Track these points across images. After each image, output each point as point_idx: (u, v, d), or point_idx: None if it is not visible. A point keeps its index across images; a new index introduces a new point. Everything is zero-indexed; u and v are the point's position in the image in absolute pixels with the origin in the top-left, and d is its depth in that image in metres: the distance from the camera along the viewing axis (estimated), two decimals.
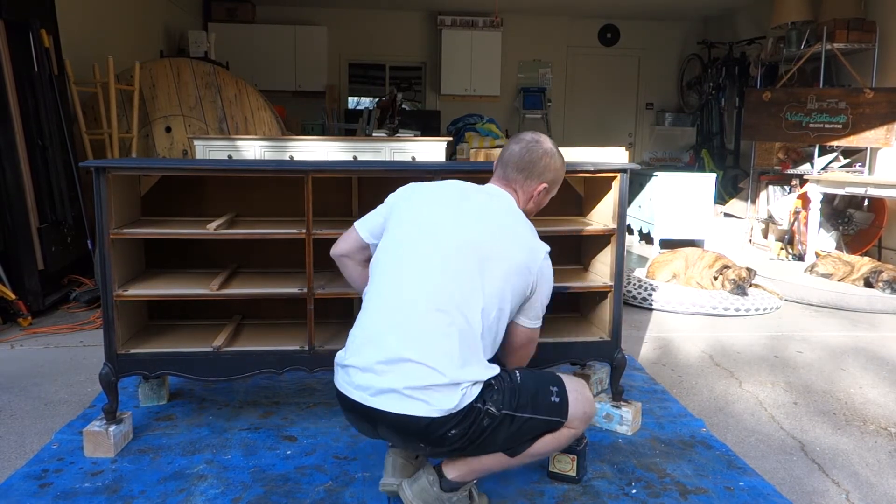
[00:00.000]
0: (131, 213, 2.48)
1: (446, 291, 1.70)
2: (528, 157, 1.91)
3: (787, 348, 3.48)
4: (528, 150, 1.92)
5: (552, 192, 2.01)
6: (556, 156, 1.96)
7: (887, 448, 2.37)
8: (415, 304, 1.70)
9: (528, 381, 1.77)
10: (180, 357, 2.30)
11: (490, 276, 1.73)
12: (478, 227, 1.80)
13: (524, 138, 1.95)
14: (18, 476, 2.07)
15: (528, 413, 1.73)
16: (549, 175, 1.94)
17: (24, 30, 4.07)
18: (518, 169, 1.91)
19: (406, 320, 1.69)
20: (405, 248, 1.79)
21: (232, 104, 5.53)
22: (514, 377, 1.76)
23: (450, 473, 1.79)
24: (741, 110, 7.51)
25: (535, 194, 1.95)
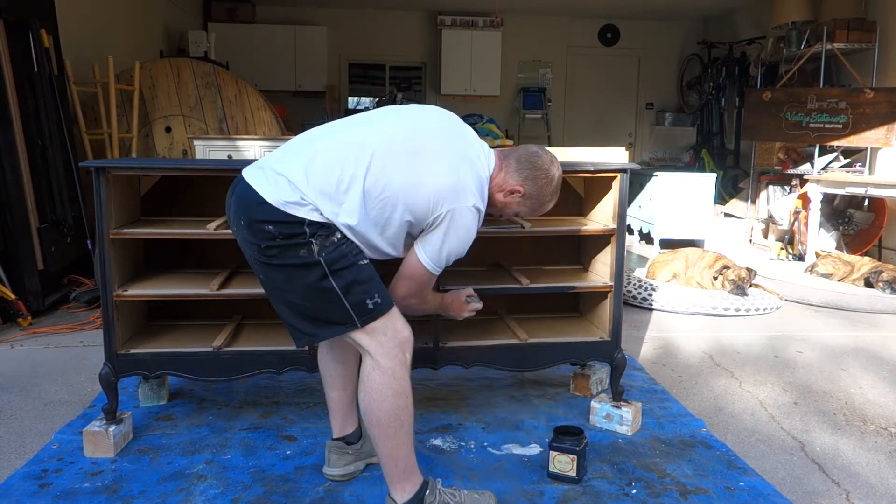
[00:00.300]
0: (131, 213, 2.48)
1: (357, 142, 1.72)
2: (532, 158, 1.90)
3: (788, 348, 3.48)
4: (539, 155, 1.91)
5: (525, 204, 1.93)
6: (552, 181, 1.91)
7: (887, 448, 2.37)
8: (335, 143, 1.75)
9: (365, 273, 1.72)
10: (180, 357, 2.30)
11: (394, 168, 1.71)
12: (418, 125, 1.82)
13: (546, 151, 1.95)
14: (18, 476, 2.07)
15: (338, 286, 1.68)
16: (530, 186, 1.88)
17: (24, 30, 4.07)
18: (517, 157, 1.90)
19: (320, 148, 1.74)
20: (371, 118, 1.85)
21: (232, 104, 5.53)
22: (358, 258, 1.72)
23: (399, 497, 1.77)
24: (741, 110, 7.51)
25: (507, 189, 1.88)
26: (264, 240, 1.69)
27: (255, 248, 1.73)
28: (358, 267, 1.72)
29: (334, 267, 1.69)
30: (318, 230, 1.67)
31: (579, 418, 2.52)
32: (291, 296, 1.74)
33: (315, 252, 1.67)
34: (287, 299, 1.76)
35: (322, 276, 1.68)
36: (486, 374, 2.87)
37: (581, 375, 2.75)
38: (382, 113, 1.87)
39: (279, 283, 1.74)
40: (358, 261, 1.72)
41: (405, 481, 1.78)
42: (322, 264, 1.68)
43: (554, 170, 1.92)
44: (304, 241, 1.67)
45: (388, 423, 1.73)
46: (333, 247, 1.69)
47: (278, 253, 1.69)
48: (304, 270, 1.69)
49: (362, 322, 1.72)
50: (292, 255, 1.68)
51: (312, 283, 1.69)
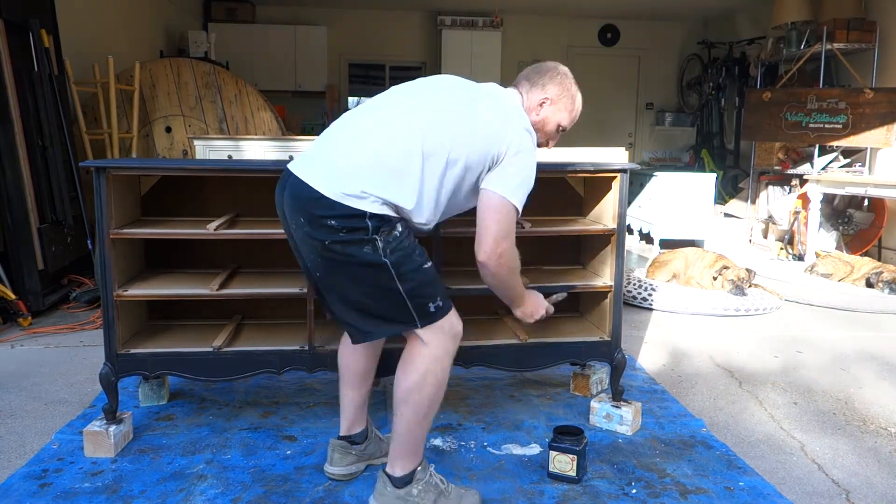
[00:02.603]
0: (131, 213, 2.48)
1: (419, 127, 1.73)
2: (537, 68, 1.97)
3: (787, 348, 3.48)
4: (542, 65, 2.00)
5: (557, 113, 1.97)
6: (567, 78, 1.98)
7: (887, 448, 2.37)
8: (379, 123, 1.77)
9: (427, 276, 1.74)
10: (180, 357, 2.30)
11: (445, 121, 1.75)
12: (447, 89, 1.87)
13: (545, 62, 2.03)
14: (18, 476, 2.07)
15: (403, 287, 1.70)
16: (553, 89, 1.95)
17: (24, 30, 4.07)
18: (525, 76, 1.97)
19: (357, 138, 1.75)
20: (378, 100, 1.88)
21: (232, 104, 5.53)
22: (425, 259, 1.74)
23: (393, 471, 1.81)
24: (741, 110, 7.50)
25: (538, 106, 1.94)
26: (328, 234, 1.68)
27: (318, 245, 1.72)
28: (423, 270, 1.74)
29: (401, 269, 1.70)
30: (379, 224, 1.67)
31: (579, 418, 2.52)
32: (353, 294, 1.75)
33: (381, 251, 1.68)
34: (348, 297, 1.76)
35: (389, 278, 1.70)
36: (487, 374, 2.87)
37: (581, 375, 2.75)
38: (405, 89, 1.88)
39: (343, 281, 1.74)
40: (423, 263, 1.74)
41: (406, 460, 1.81)
42: (389, 266, 1.69)
43: (560, 66, 2.00)
44: (367, 236, 1.67)
45: (421, 407, 1.76)
46: (397, 242, 1.69)
47: (342, 248, 1.68)
48: (370, 270, 1.70)
49: (423, 323, 1.75)
50: (356, 250, 1.68)
51: (378, 284, 1.71)
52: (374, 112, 1.82)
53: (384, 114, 1.80)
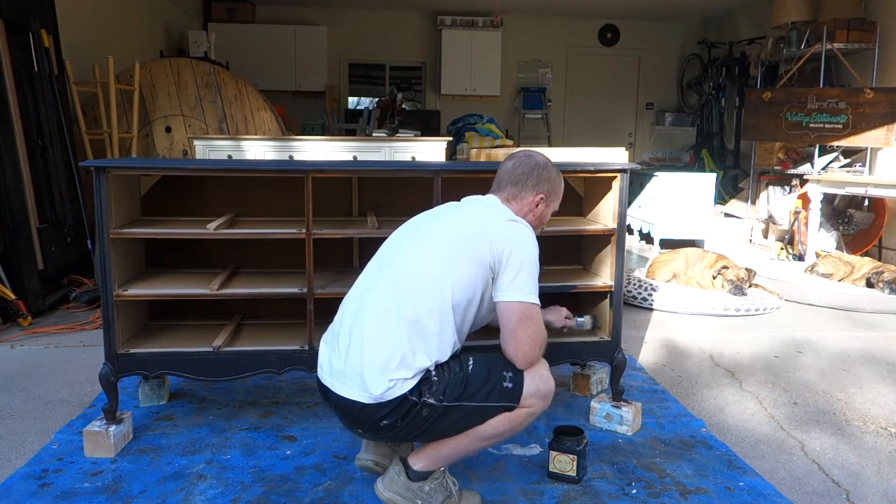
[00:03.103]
0: (131, 213, 2.48)
1: (389, 284, 1.76)
2: (520, 170, 1.94)
3: (788, 348, 3.48)
4: (521, 163, 1.95)
5: (551, 205, 2.00)
6: (550, 168, 1.98)
7: (887, 448, 2.37)
8: (364, 299, 1.79)
9: (480, 369, 1.76)
10: (180, 357, 2.30)
11: (433, 257, 1.77)
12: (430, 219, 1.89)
13: (517, 154, 1.99)
14: (18, 476, 2.07)
15: (477, 402, 1.73)
16: (545, 186, 1.95)
17: (24, 30, 4.07)
18: (511, 182, 1.94)
19: (364, 311, 1.77)
20: (378, 252, 1.92)
21: (232, 104, 5.53)
22: (464, 365, 1.76)
23: (415, 464, 1.81)
24: (741, 110, 7.51)
25: (533, 206, 1.95)
26: (389, 430, 1.73)
27: (387, 438, 1.81)
28: (472, 375, 1.75)
29: (462, 396, 1.73)
30: (420, 387, 1.70)
31: (579, 418, 2.52)
32: (451, 431, 1.77)
33: (436, 403, 1.71)
34: (448, 433, 1.78)
35: (458, 409, 1.72)
36: None
37: (581, 375, 2.75)
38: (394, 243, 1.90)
39: (428, 436, 1.78)
40: (467, 369, 1.75)
41: (435, 463, 1.82)
42: (451, 404, 1.72)
43: (537, 157, 1.98)
44: (418, 404, 1.70)
45: (484, 438, 1.78)
46: (443, 385, 1.72)
47: (406, 429, 1.73)
48: (441, 418, 1.73)
49: (516, 399, 1.76)
50: (418, 419, 1.71)
51: (457, 418, 1.74)
52: (365, 290, 1.82)
53: (374, 294, 1.78)
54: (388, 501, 1.81)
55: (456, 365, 1.77)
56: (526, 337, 1.76)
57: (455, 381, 1.73)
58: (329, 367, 1.79)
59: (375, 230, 2.36)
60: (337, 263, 2.66)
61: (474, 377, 1.75)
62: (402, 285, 1.74)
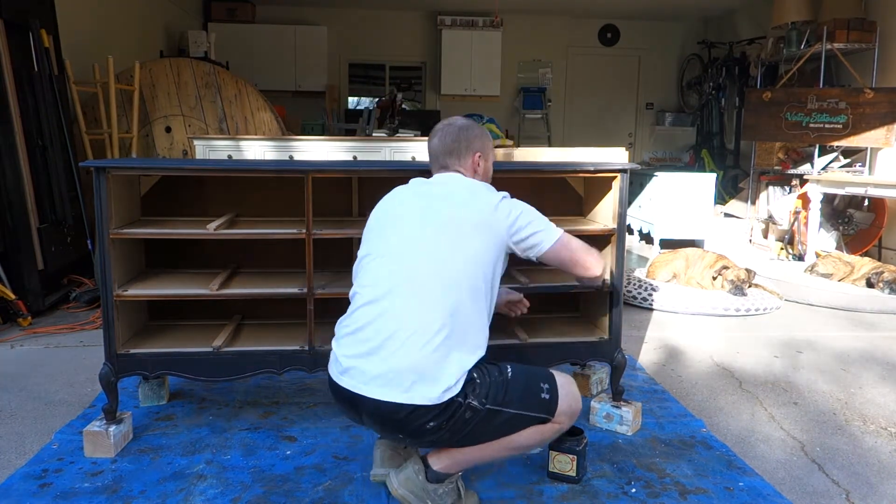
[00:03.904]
0: (131, 213, 2.48)
1: (422, 277, 1.74)
2: (448, 140, 1.98)
3: (787, 348, 3.48)
4: (445, 133, 1.99)
5: (489, 158, 2.05)
6: (472, 126, 2.02)
7: (887, 448, 2.37)
8: (394, 296, 1.75)
9: (519, 377, 1.79)
10: (180, 357, 2.30)
11: (455, 247, 1.77)
12: (430, 212, 1.87)
13: (437, 129, 2.03)
14: (18, 476, 2.07)
15: (515, 409, 1.75)
16: (476, 143, 1.99)
17: (24, 30, 4.07)
18: (446, 153, 1.98)
19: (388, 311, 1.73)
20: (379, 248, 1.86)
21: (232, 104, 5.53)
22: (503, 371, 1.78)
23: (435, 465, 1.81)
24: (741, 110, 7.50)
25: (475, 166, 1.99)
26: (433, 433, 1.72)
27: (429, 442, 1.79)
28: (512, 381, 1.77)
29: (503, 402, 1.74)
30: (465, 388, 1.71)
31: (579, 418, 2.51)
32: (488, 436, 1.78)
33: (478, 405, 1.71)
34: (485, 438, 1.78)
35: (498, 415, 1.74)
36: None
37: (581, 375, 2.75)
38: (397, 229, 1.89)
39: (466, 441, 1.77)
40: (507, 375, 1.78)
41: (456, 467, 1.82)
42: (493, 408, 1.73)
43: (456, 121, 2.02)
44: (463, 406, 1.70)
45: (512, 448, 1.81)
46: (485, 388, 1.72)
47: (450, 432, 1.72)
48: (482, 423, 1.73)
49: (552, 412, 1.79)
50: (462, 423, 1.71)
51: (496, 424, 1.75)
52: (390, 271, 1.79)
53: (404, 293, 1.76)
54: (399, 498, 1.80)
55: (495, 370, 1.78)
56: (581, 252, 1.89)
57: (496, 384, 1.74)
58: (360, 372, 1.71)
59: None
60: (337, 263, 2.65)
61: (514, 383, 1.77)
62: (433, 282, 1.72)
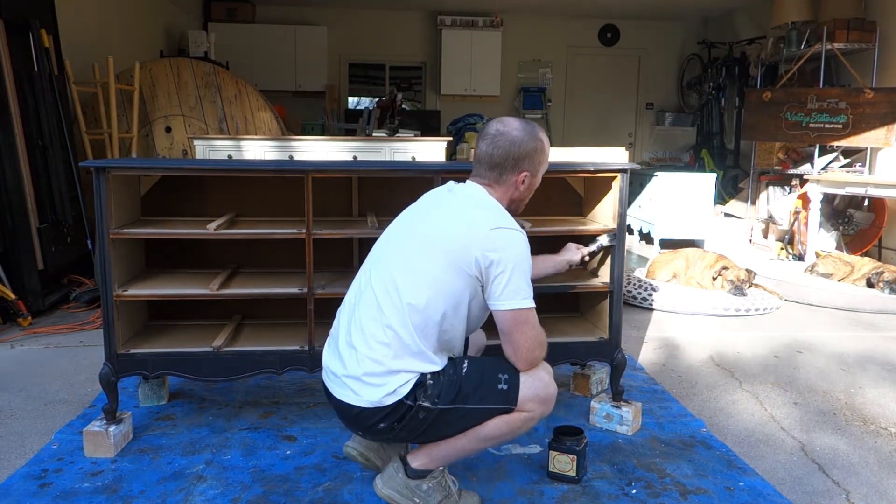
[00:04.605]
0: (131, 213, 2.48)
1: (377, 292, 1.75)
2: (497, 154, 1.80)
3: (788, 348, 3.48)
4: (495, 145, 1.80)
5: (538, 174, 1.88)
6: (527, 140, 1.81)
7: (887, 448, 2.37)
8: (360, 302, 1.78)
9: (474, 372, 1.77)
10: (180, 357, 2.30)
11: (422, 265, 1.73)
12: (415, 222, 1.85)
13: (489, 133, 1.83)
14: (18, 476, 2.07)
15: (473, 404, 1.74)
16: (525, 163, 1.81)
17: (24, 30, 4.07)
18: (490, 166, 1.81)
19: (356, 317, 1.78)
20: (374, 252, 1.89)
21: (232, 104, 5.53)
22: (458, 368, 1.77)
23: (413, 462, 1.82)
24: (741, 110, 7.50)
25: (518, 184, 1.83)
26: (387, 432, 1.74)
27: (386, 439, 1.82)
28: (466, 377, 1.76)
29: (456, 399, 1.73)
30: (415, 391, 1.71)
31: (579, 418, 2.51)
32: (449, 433, 1.78)
33: (431, 405, 1.71)
34: (447, 434, 1.78)
35: (454, 412, 1.73)
36: None
37: (581, 375, 2.75)
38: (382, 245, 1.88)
39: (426, 438, 1.78)
40: (461, 371, 1.76)
41: (433, 462, 1.82)
42: (446, 407, 1.72)
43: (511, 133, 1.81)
44: (413, 408, 1.71)
45: (482, 440, 1.79)
46: (437, 389, 1.72)
47: (404, 431, 1.74)
48: (437, 421, 1.73)
49: (512, 401, 1.75)
50: (416, 423, 1.72)
51: (453, 420, 1.74)
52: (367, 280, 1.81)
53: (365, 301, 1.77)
54: (385, 498, 1.81)
55: (451, 367, 1.77)
56: (523, 341, 1.74)
57: (449, 383, 1.73)
58: (330, 371, 1.81)
59: (375, 230, 2.35)
60: (337, 263, 2.66)
61: (468, 379, 1.75)
62: (390, 293, 1.73)
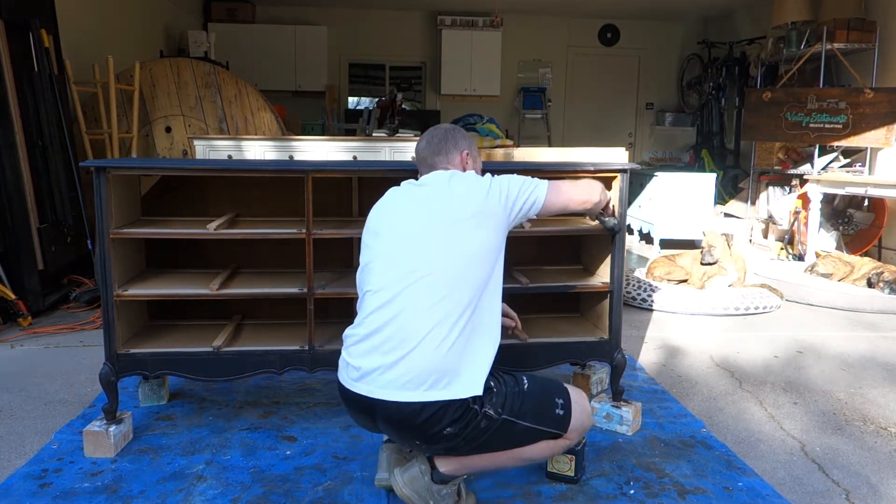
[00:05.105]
0: (131, 213, 2.48)
1: (430, 276, 1.72)
2: (436, 140, 1.99)
3: (787, 348, 3.48)
4: (432, 135, 2.01)
5: (476, 156, 2.05)
6: (458, 129, 2.06)
7: (887, 448, 2.37)
8: (403, 297, 1.73)
9: (535, 390, 1.80)
10: (180, 357, 2.30)
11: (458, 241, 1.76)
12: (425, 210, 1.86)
13: (424, 135, 2.05)
14: (18, 476, 2.07)
15: (530, 422, 1.77)
16: (463, 143, 2.00)
17: (24, 30, 4.07)
18: (435, 153, 1.98)
19: (400, 313, 1.71)
20: (381, 253, 1.84)
21: (232, 104, 5.53)
22: (520, 382, 1.79)
23: (442, 467, 1.80)
24: (741, 110, 7.50)
25: (463, 163, 1.99)
26: (450, 439, 1.71)
27: (442, 450, 1.78)
28: (528, 393, 1.78)
29: (518, 413, 1.74)
30: (482, 396, 1.70)
31: None
32: (500, 447, 1.78)
33: (494, 413, 1.71)
34: (497, 449, 1.79)
35: (513, 426, 1.74)
36: None
37: (581, 375, 2.75)
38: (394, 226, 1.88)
39: (480, 450, 1.78)
40: (523, 387, 1.78)
41: (462, 471, 1.82)
42: (508, 419, 1.73)
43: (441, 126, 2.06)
44: (479, 414, 1.70)
45: (522, 460, 1.83)
46: (502, 396, 1.73)
47: (465, 440, 1.72)
48: (496, 432, 1.73)
49: (564, 428, 1.81)
50: (478, 431, 1.71)
51: (510, 435, 1.76)
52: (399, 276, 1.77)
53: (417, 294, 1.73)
54: (403, 497, 1.79)
55: (511, 380, 1.78)
56: (574, 190, 1.98)
57: (512, 395, 1.75)
58: (376, 378, 1.70)
59: None
60: (337, 263, 2.66)
61: (531, 396, 1.78)
62: (442, 279, 1.71)
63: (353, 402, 1.77)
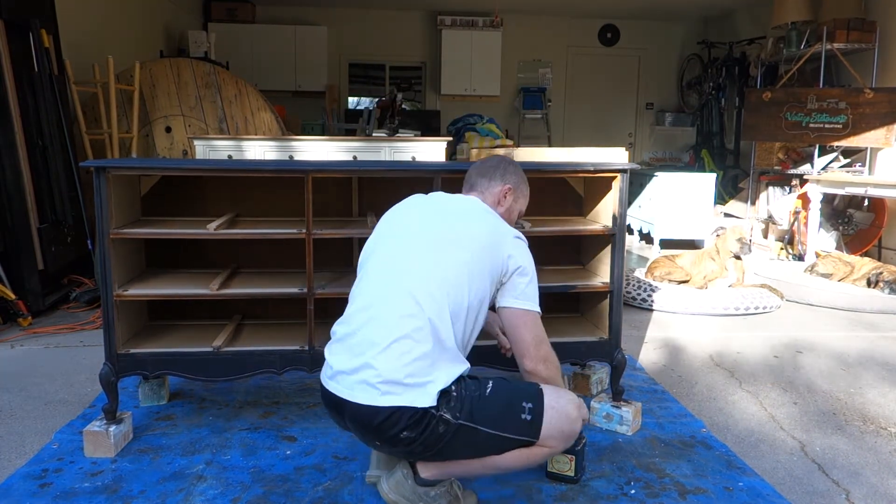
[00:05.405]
0: (131, 213, 2.48)
1: (409, 288, 1.73)
2: (487, 164, 2.03)
3: (788, 348, 3.48)
4: (487, 160, 2.05)
5: (520, 200, 2.05)
6: (513, 163, 2.05)
7: (887, 448, 2.37)
8: (382, 303, 1.75)
9: (499, 394, 1.75)
10: (180, 357, 2.30)
11: (451, 261, 1.76)
12: (436, 221, 1.87)
13: (484, 158, 2.09)
14: (18, 476, 2.07)
15: (490, 428, 1.71)
16: (511, 178, 2.01)
17: (24, 30, 4.07)
18: (479, 174, 2.01)
19: (375, 318, 1.74)
20: (378, 252, 1.88)
21: (232, 104, 5.53)
22: (482, 387, 1.75)
23: (423, 472, 1.80)
24: (741, 110, 7.51)
25: (501, 196, 2.00)
26: (407, 444, 1.70)
27: (402, 454, 1.78)
28: (489, 398, 1.73)
29: (476, 419, 1.70)
30: (440, 400, 1.69)
31: None
32: (464, 454, 1.76)
33: (450, 417, 1.69)
34: (462, 456, 1.77)
35: (473, 433, 1.70)
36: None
37: (581, 375, 2.75)
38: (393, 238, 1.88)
39: (441, 457, 1.76)
40: (485, 391, 1.74)
41: (441, 475, 1.81)
42: (465, 424, 1.70)
43: (502, 156, 2.09)
44: (436, 418, 1.68)
45: (498, 468, 1.79)
46: (461, 401, 1.70)
47: (423, 445, 1.70)
48: (455, 438, 1.70)
49: (534, 434, 1.74)
50: (436, 436, 1.69)
51: (471, 442, 1.72)
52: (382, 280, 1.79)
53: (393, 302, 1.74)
54: (391, 502, 1.80)
55: (473, 384, 1.75)
56: (530, 338, 1.85)
57: (472, 399, 1.71)
58: (345, 378, 1.73)
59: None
60: (337, 263, 2.66)
61: (491, 401, 1.73)
62: (422, 293, 1.71)
63: (327, 399, 1.80)
